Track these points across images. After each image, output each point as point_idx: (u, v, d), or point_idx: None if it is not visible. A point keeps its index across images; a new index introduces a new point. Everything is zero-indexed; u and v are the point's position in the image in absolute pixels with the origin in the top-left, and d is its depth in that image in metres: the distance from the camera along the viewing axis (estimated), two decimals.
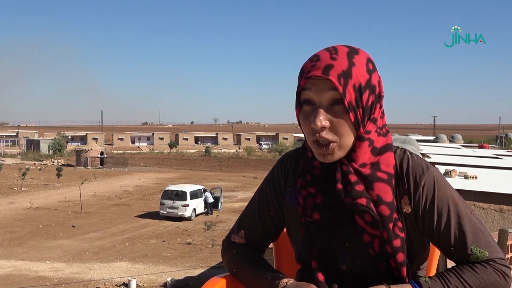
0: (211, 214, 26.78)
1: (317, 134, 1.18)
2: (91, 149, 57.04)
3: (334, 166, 1.23)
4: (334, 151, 1.19)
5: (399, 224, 1.23)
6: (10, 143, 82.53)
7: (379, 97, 1.24)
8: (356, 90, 1.17)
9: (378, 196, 1.21)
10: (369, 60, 1.22)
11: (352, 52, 1.21)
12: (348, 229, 1.26)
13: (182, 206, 25.28)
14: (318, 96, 1.17)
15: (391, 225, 1.21)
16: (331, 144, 1.18)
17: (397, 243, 1.22)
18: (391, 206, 1.22)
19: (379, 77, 1.25)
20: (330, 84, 1.16)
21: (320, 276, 1.30)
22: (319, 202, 1.27)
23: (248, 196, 28.85)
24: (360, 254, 1.26)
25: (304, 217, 1.30)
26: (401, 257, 1.23)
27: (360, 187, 1.20)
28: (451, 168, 12.46)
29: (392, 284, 1.21)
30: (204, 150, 79.73)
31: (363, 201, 1.20)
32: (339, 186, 1.21)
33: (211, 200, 27.24)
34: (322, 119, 1.16)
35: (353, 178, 1.21)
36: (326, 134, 1.17)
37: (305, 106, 1.21)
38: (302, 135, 1.30)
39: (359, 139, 1.21)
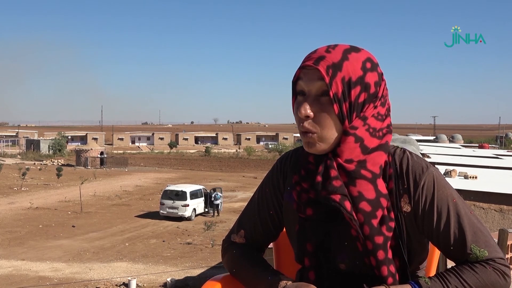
0: (218, 215, 26.65)
1: (301, 124, 1.20)
2: (91, 149, 57.03)
3: (323, 160, 1.25)
4: (316, 142, 1.21)
5: (390, 223, 1.22)
6: (10, 143, 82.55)
7: (375, 97, 1.23)
8: (345, 84, 1.18)
9: (360, 193, 1.21)
10: (368, 59, 1.23)
11: (351, 49, 1.22)
12: (347, 228, 1.25)
13: (182, 206, 25.28)
14: (308, 86, 1.20)
15: (374, 222, 1.21)
16: (312, 134, 1.20)
17: (379, 240, 1.21)
18: (374, 203, 1.21)
19: (380, 78, 1.24)
20: (319, 74, 1.18)
21: (312, 275, 1.31)
22: (313, 197, 1.27)
23: (248, 196, 28.83)
24: (356, 252, 1.26)
25: (299, 213, 1.30)
26: (381, 254, 1.22)
27: (337, 183, 1.20)
28: (451, 168, 12.44)
29: (392, 285, 1.21)
30: (204, 150, 79.71)
31: (336, 197, 1.20)
32: (318, 178, 1.22)
33: (218, 201, 27.09)
34: (307, 109, 1.19)
35: (333, 173, 1.21)
36: (308, 124, 1.20)
37: (298, 96, 1.24)
38: None
39: (344, 133, 1.22)
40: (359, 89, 1.20)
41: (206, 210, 27.18)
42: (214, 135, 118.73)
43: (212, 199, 26.85)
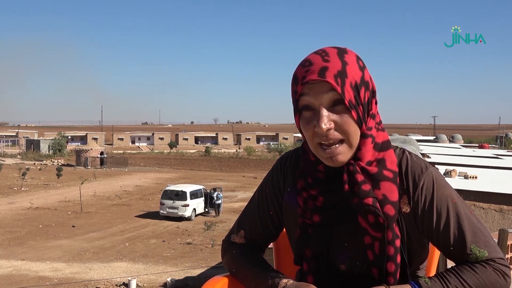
0: (218, 215, 26.62)
1: (326, 136, 1.17)
2: (91, 149, 57.01)
3: (339, 168, 1.22)
4: (344, 151, 1.18)
5: (399, 225, 1.23)
6: (10, 143, 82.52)
7: (373, 92, 1.25)
8: (353, 88, 1.18)
9: (384, 196, 1.21)
10: (358, 58, 1.23)
11: (342, 52, 1.21)
12: (347, 229, 1.25)
13: (182, 206, 25.27)
14: (317, 99, 1.17)
15: (395, 225, 1.21)
16: (340, 145, 1.18)
17: (398, 243, 1.22)
18: (396, 205, 1.22)
19: (369, 73, 1.26)
20: (328, 86, 1.16)
21: (310, 278, 1.31)
22: (320, 205, 1.26)
23: (248, 196, 28.79)
24: (359, 255, 1.26)
25: (303, 219, 1.30)
26: (399, 258, 1.22)
27: (367, 187, 1.20)
28: (451, 168, 12.43)
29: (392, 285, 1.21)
30: (204, 150, 79.67)
31: (369, 200, 1.19)
32: (346, 187, 1.20)
33: (219, 201, 27.06)
34: (327, 122, 1.16)
35: (360, 177, 1.20)
36: (333, 135, 1.17)
37: (304, 112, 1.20)
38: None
39: (362, 136, 1.21)
40: (363, 90, 1.20)
41: (206, 210, 27.14)
42: (214, 135, 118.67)
43: (215, 199, 26.83)
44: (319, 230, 1.28)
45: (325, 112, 1.16)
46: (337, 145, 1.17)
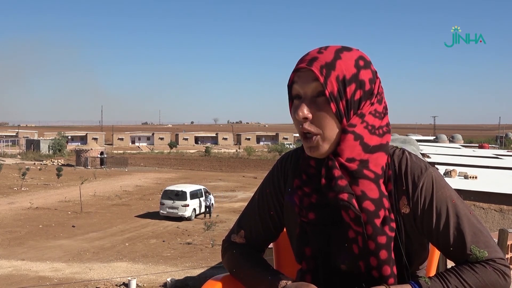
0: (210, 216, 26.66)
1: (301, 126, 1.20)
2: (91, 149, 57.02)
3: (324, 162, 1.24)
4: (319, 144, 1.20)
5: (392, 224, 1.22)
6: (10, 143, 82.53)
7: (371, 94, 1.23)
8: (340, 82, 1.18)
9: (363, 192, 1.21)
10: (361, 57, 1.23)
11: (343, 49, 1.22)
12: (345, 228, 1.25)
13: (182, 206, 25.28)
14: (303, 88, 1.20)
15: (377, 221, 1.21)
16: (315, 136, 1.19)
17: (382, 239, 1.21)
18: (377, 202, 1.21)
19: (374, 76, 1.24)
20: (313, 75, 1.18)
21: (309, 278, 1.31)
22: (314, 202, 1.27)
23: (248, 196, 28.80)
24: (355, 253, 1.26)
25: (300, 218, 1.30)
26: (384, 254, 1.22)
27: (343, 182, 1.20)
28: (451, 168, 12.42)
29: (392, 285, 1.21)
30: (204, 150, 79.67)
31: (344, 196, 1.19)
32: (323, 181, 1.21)
33: (212, 202, 27.14)
34: (305, 110, 1.18)
35: (337, 172, 1.20)
36: (309, 126, 1.19)
37: (295, 101, 1.23)
38: None
39: (343, 132, 1.21)
40: (354, 87, 1.20)
41: (204, 211, 27.07)
42: (214, 135, 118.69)
43: (211, 201, 26.87)
44: (316, 229, 1.28)
45: (306, 101, 1.19)
46: (314, 136, 1.20)
